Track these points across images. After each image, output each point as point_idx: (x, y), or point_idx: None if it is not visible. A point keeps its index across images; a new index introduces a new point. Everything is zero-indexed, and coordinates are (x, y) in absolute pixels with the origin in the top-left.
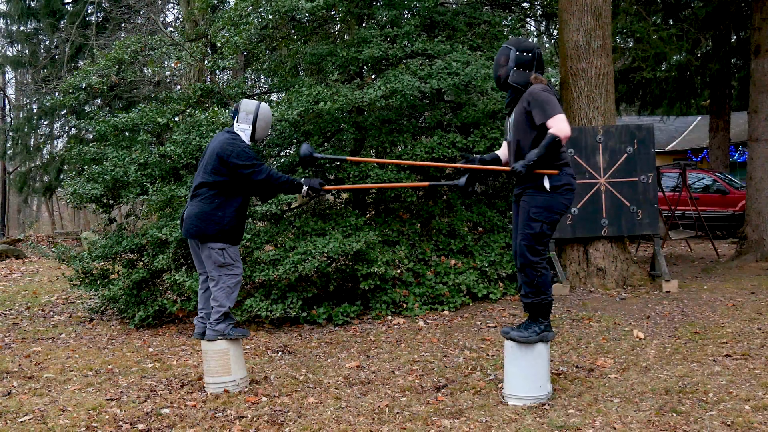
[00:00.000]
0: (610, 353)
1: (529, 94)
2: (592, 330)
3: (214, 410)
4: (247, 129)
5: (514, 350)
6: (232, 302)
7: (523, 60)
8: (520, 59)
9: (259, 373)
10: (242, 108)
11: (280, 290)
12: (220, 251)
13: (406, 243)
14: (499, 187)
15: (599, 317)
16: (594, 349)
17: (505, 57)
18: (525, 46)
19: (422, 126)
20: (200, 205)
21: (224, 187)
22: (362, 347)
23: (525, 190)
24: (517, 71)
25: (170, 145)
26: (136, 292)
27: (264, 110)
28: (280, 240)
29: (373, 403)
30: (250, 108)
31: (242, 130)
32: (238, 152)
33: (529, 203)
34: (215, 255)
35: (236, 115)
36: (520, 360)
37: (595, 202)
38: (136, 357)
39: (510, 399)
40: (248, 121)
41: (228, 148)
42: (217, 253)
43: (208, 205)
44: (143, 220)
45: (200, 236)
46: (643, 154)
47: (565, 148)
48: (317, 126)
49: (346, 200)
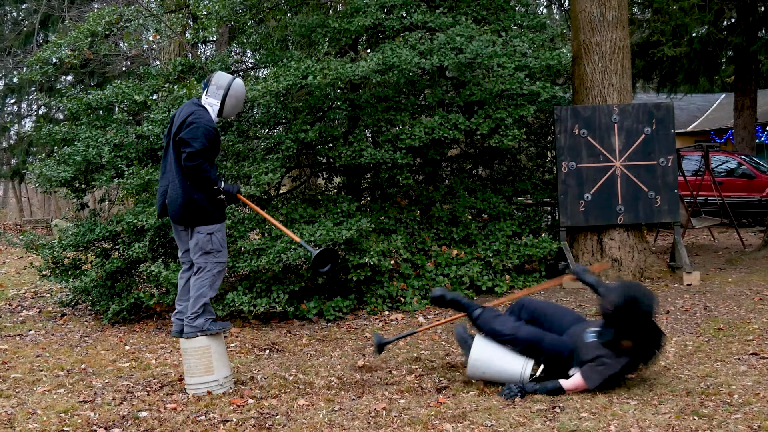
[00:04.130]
0: None
1: None
2: None
3: (196, 413)
4: (215, 104)
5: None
6: (214, 292)
7: None
8: None
9: (244, 373)
10: (214, 81)
11: (264, 283)
12: (208, 236)
13: (403, 231)
14: (505, 171)
15: None
16: None
17: None
18: None
19: (422, 104)
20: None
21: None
22: (357, 345)
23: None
24: None
25: (148, 124)
26: (111, 283)
27: (237, 86)
28: (267, 228)
29: (368, 405)
30: (222, 82)
31: (210, 105)
32: (195, 126)
33: None
34: (203, 240)
35: (207, 87)
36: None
37: (609, 187)
38: (111, 355)
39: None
40: (217, 96)
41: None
42: (204, 239)
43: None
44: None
45: (186, 221)
46: (662, 134)
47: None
48: (307, 103)
49: (338, 185)
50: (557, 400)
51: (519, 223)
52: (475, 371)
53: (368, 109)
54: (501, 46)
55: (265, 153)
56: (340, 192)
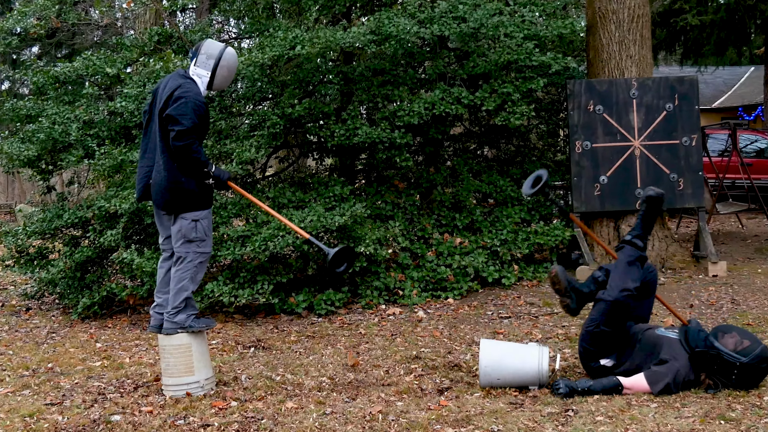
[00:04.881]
0: None
1: None
2: None
3: (174, 417)
4: (204, 75)
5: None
6: (196, 285)
7: None
8: None
9: (227, 373)
10: (203, 50)
11: (249, 273)
12: (193, 223)
13: (402, 217)
14: (513, 151)
15: None
16: None
17: None
18: None
19: (422, 78)
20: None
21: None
22: (350, 342)
23: None
24: None
25: (121, 100)
26: (80, 274)
27: (229, 56)
28: (252, 213)
29: (363, 408)
30: (213, 51)
31: (199, 76)
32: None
33: None
34: (186, 227)
35: (195, 57)
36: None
37: (627, 168)
38: (81, 353)
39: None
40: (208, 67)
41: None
42: (189, 226)
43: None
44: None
45: (171, 207)
46: (686, 111)
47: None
48: (296, 77)
49: (330, 166)
50: (570, 403)
51: (528, 209)
52: (488, 378)
53: (363, 83)
54: (508, 15)
55: (249, 131)
56: (332, 174)
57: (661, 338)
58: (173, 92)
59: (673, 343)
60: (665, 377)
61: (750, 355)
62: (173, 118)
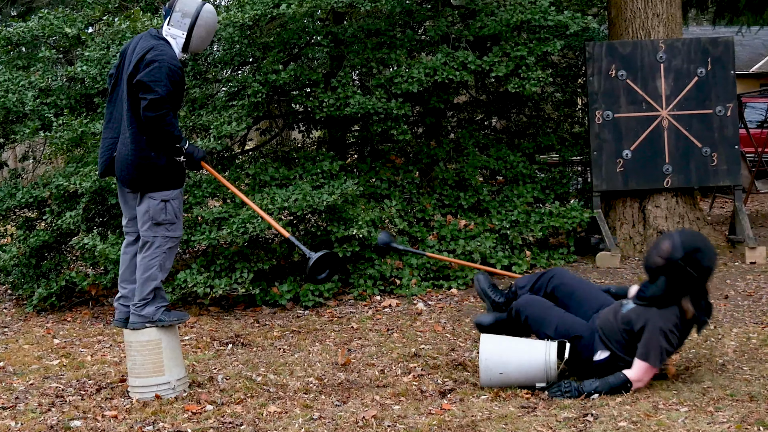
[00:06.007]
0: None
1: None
2: None
3: (142, 422)
4: (179, 36)
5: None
6: (165, 273)
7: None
8: None
9: (202, 373)
10: (178, 7)
11: (226, 259)
12: (162, 204)
13: (399, 197)
14: (525, 122)
15: None
16: None
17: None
18: None
19: (422, 40)
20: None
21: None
22: (341, 337)
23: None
24: None
25: (82, 64)
26: (36, 261)
27: (207, 15)
28: (230, 192)
29: (355, 413)
30: (189, 9)
31: (173, 37)
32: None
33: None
34: (155, 208)
35: (169, 16)
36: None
37: (654, 142)
38: (37, 351)
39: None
40: (183, 27)
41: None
42: (158, 206)
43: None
44: (45, 165)
45: (137, 185)
46: (720, 77)
47: None
48: (280, 38)
49: (318, 139)
50: (589, 407)
51: (542, 187)
52: (490, 374)
53: (355, 45)
54: None
55: (227, 100)
56: (321, 148)
57: (629, 312)
58: (144, 55)
59: (635, 310)
60: (654, 343)
61: (678, 249)
62: (145, 85)
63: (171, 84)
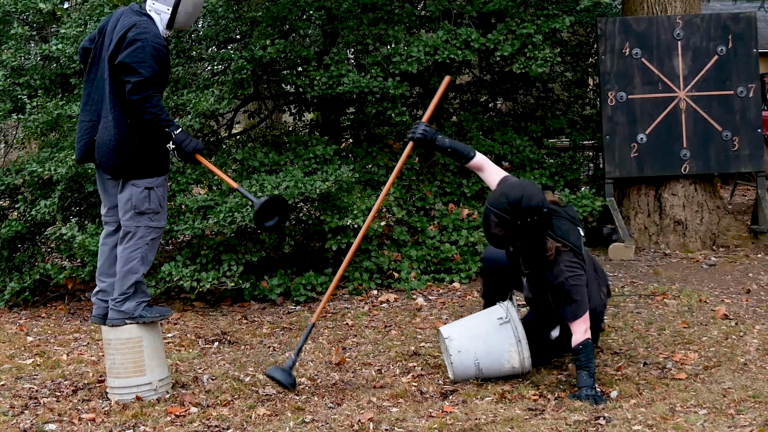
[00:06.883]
0: (694, 344)
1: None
2: (668, 310)
3: (122, 426)
4: (164, 12)
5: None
6: (147, 266)
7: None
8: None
9: (186, 373)
10: None
11: (212, 251)
12: (146, 192)
13: (397, 184)
14: (533, 104)
15: (678, 292)
16: (670, 338)
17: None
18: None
19: (421, 16)
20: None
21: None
22: (335, 335)
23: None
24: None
25: (57, 42)
26: (8, 254)
27: None
28: (216, 179)
29: (350, 416)
30: None
31: (157, 12)
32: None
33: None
34: (138, 197)
35: None
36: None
37: (671, 125)
38: (9, 349)
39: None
40: (168, 2)
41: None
42: (141, 195)
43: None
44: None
45: (119, 171)
46: (742, 55)
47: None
48: (269, 13)
49: (310, 122)
50: (601, 410)
51: (551, 174)
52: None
53: (350, 21)
54: None
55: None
56: (313, 132)
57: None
58: (126, 32)
59: (531, 281)
60: (570, 298)
61: (506, 213)
62: (128, 67)
63: (156, 64)
